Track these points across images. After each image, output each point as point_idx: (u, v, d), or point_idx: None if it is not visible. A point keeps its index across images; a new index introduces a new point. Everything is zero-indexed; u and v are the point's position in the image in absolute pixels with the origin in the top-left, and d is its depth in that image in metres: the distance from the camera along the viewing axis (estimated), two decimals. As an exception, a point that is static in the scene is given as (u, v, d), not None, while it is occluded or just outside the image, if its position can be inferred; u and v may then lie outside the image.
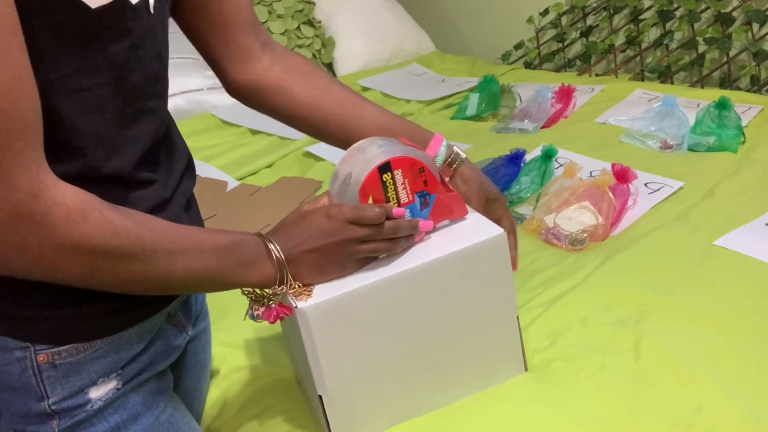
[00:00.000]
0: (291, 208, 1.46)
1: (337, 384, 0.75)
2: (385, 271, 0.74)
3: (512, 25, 2.68)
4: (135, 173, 0.64)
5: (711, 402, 0.82)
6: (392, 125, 0.85)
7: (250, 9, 0.82)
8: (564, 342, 0.95)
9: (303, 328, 0.71)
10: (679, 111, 1.66)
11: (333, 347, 0.73)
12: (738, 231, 1.20)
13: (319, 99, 0.85)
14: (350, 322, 0.73)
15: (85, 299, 0.62)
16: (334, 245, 0.71)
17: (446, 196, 0.78)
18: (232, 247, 0.66)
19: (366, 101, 0.87)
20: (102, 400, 0.68)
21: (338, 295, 0.72)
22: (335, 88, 0.86)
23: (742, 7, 2.10)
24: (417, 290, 0.75)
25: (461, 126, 1.96)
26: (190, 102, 2.06)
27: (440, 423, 0.81)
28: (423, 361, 0.79)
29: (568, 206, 1.28)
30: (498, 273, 0.79)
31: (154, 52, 0.64)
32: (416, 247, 0.78)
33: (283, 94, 0.85)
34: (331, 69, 2.51)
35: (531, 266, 1.16)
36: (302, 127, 0.87)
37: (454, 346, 0.80)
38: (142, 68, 0.63)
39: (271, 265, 0.69)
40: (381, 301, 0.74)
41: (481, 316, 0.80)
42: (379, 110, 0.87)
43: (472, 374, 0.83)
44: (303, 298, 0.70)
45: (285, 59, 0.85)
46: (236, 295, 0.78)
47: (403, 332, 0.76)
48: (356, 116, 0.85)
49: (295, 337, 0.77)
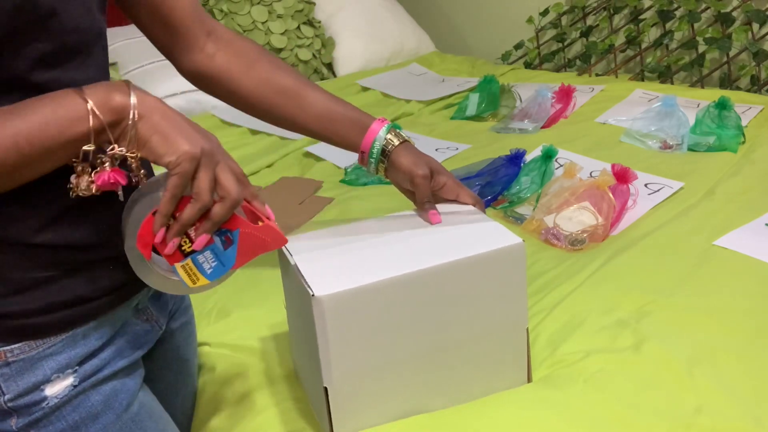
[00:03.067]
0: (291, 208, 1.46)
1: (343, 377, 0.75)
2: (402, 268, 0.74)
3: (512, 25, 2.68)
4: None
5: (711, 402, 0.82)
6: (332, 112, 0.86)
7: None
8: (564, 342, 0.95)
9: (317, 316, 0.71)
10: (679, 111, 1.66)
11: (344, 339, 0.73)
12: (738, 231, 1.20)
13: (261, 87, 0.86)
14: (364, 315, 0.73)
15: (35, 292, 0.62)
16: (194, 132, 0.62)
17: (254, 229, 0.66)
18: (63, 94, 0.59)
19: (310, 87, 0.87)
20: (58, 398, 0.67)
21: (356, 287, 0.72)
22: (278, 75, 0.86)
23: (742, 7, 2.10)
24: (431, 290, 0.76)
25: (461, 126, 1.96)
26: (190, 102, 2.06)
27: (442, 424, 0.81)
28: (429, 361, 0.79)
29: (568, 206, 1.28)
30: (513, 282, 0.79)
31: (70, 26, 0.63)
32: (435, 248, 0.78)
33: (225, 83, 0.86)
34: (331, 69, 2.51)
35: (531, 267, 1.16)
36: (251, 113, 0.89)
37: (462, 350, 0.80)
38: (55, 41, 0.61)
39: (118, 99, 0.58)
40: (396, 297, 0.74)
41: (492, 322, 0.80)
42: (322, 96, 0.87)
43: (476, 380, 0.83)
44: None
45: (229, 46, 0.86)
46: (236, 295, 0.79)
47: (414, 331, 0.77)
48: (298, 103, 0.86)
49: (304, 326, 0.77)
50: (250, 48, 0.87)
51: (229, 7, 2.29)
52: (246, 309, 1.09)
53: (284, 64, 0.89)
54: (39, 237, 0.64)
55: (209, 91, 0.88)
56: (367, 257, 0.78)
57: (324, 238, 0.83)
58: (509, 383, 0.85)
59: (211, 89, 0.88)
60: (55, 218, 0.64)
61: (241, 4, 2.31)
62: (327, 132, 0.87)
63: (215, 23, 0.86)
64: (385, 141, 0.85)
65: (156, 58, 2.11)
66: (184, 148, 0.59)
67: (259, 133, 1.93)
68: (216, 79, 0.86)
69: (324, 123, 0.87)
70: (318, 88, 0.88)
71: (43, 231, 0.64)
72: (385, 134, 0.85)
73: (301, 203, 1.48)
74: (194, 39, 0.84)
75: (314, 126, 0.87)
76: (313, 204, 1.48)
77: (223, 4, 2.30)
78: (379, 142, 0.85)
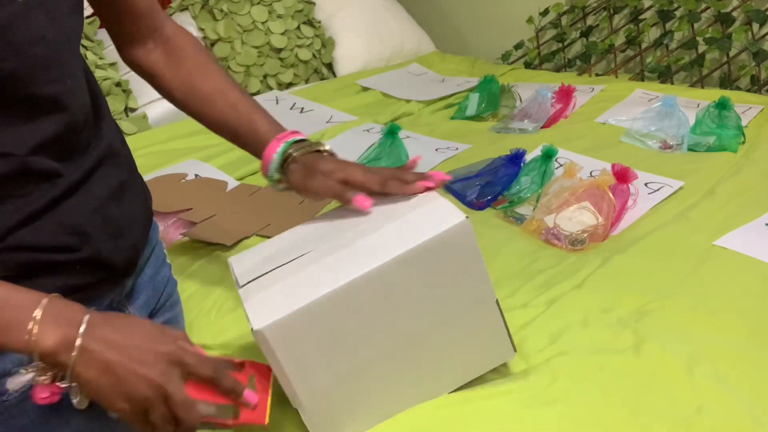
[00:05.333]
0: (291, 208, 1.46)
1: (311, 397, 0.72)
2: (342, 278, 0.70)
3: (512, 25, 2.68)
4: (32, 161, 0.63)
5: (711, 402, 0.82)
6: (244, 117, 0.87)
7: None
8: (564, 342, 0.94)
9: (264, 348, 0.68)
10: (679, 111, 1.66)
11: (299, 362, 0.70)
12: (738, 231, 1.20)
13: (181, 88, 0.88)
14: (313, 334, 0.70)
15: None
16: (150, 353, 0.62)
17: (261, 398, 0.70)
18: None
19: (234, 90, 0.88)
20: (18, 392, 0.65)
21: (295, 310, 0.68)
22: (201, 78, 0.88)
23: (742, 7, 2.10)
24: (381, 291, 0.71)
25: (461, 126, 1.96)
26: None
27: (441, 424, 0.81)
28: (400, 358, 0.76)
29: (568, 206, 1.28)
30: (466, 260, 0.74)
31: (34, 38, 0.62)
32: (372, 246, 0.73)
33: (155, 80, 0.89)
34: (331, 69, 2.51)
35: (531, 267, 1.16)
36: (186, 112, 0.90)
37: (434, 339, 0.77)
38: (18, 54, 0.61)
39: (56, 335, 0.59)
40: (343, 308, 0.70)
41: (456, 305, 0.76)
42: (245, 103, 0.88)
43: (459, 363, 0.81)
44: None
45: (167, 44, 0.89)
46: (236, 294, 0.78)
47: (373, 335, 0.73)
48: (224, 105, 0.87)
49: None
50: (186, 47, 0.89)
51: (229, 7, 2.29)
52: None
53: (213, 67, 0.90)
54: (4, 241, 0.64)
55: (150, 85, 0.91)
56: (303, 271, 0.73)
57: (266, 253, 0.80)
58: (495, 358, 0.83)
59: (150, 83, 0.91)
60: (22, 222, 0.64)
61: (241, 4, 2.31)
62: (241, 139, 0.89)
63: (167, 21, 0.89)
64: (281, 158, 0.83)
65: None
66: (120, 407, 0.61)
67: (259, 133, 1.93)
68: (148, 75, 0.89)
69: (239, 122, 0.87)
70: (240, 91, 0.89)
71: (8, 235, 0.64)
72: (279, 156, 0.83)
73: (301, 203, 1.48)
74: (139, 33, 0.87)
75: (224, 131, 0.89)
76: (312, 204, 1.48)
77: (223, 4, 2.30)
78: (274, 164, 0.83)
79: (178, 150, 1.79)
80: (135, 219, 0.78)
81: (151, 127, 1.97)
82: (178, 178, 1.61)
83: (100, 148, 0.73)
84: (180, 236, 1.34)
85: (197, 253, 1.29)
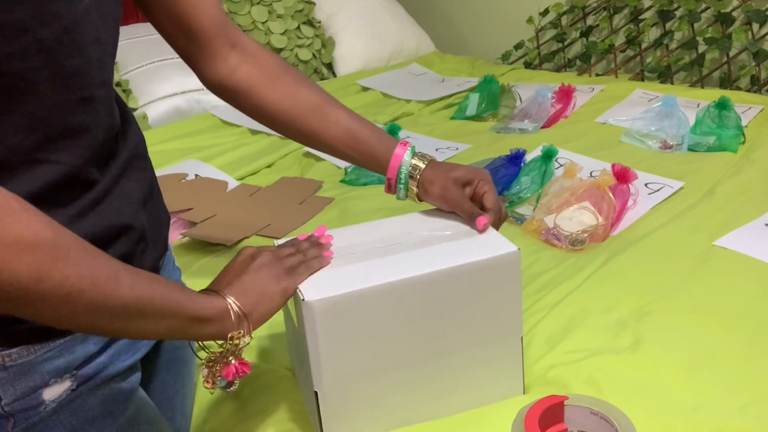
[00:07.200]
0: (291, 208, 1.46)
1: (334, 382, 0.75)
2: (394, 275, 0.74)
3: (512, 25, 2.68)
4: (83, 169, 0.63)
5: (710, 401, 0.82)
6: (357, 132, 0.86)
7: (217, 9, 0.82)
8: (564, 342, 0.95)
9: (307, 320, 0.72)
10: (679, 111, 1.67)
11: (335, 344, 0.74)
12: (738, 231, 1.20)
13: (285, 102, 0.85)
14: (355, 320, 0.74)
15: None
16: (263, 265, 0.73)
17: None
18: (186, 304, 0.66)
19: (334, 105, 0.87)
20: (55, 402, 0.66)
21: (347, 292, 0.72)
22: (303, 91, 0.86)
23: (742, 7, 2.10)
24: (425, 297, 0.75)
25: (461, 126, 1.96)
26: (190, 102, 2.06)
27: (441, 426, 0.81)
28: (422, 369, 0.79)
29: (568, 206, 1.28)
30: (507, 290, 0.79)
31: (93, 38, 0.62)
32: (429, 255, 0.78)
33: (248, 96, 0.85)
34: (331, 69, 2.51)
35: (531, 267, 1.16)
36: (272, 127, 0.88)
37: (455, 358, 0.80)
38: (83, 54, 0.61)
39: (230, 322, 0.69)
40: (387, 303, 0.74)
41: (485, 331, 0.80)
42: (346, 115, 0.87)
43: (470, 389, 0.82)
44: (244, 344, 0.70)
45: (253, 59, 0.85)
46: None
47: (406, 338, 0.76)
48: (321, 121, 0.86)
49: (297, 330, 0.77)
50: (274, 62, 0.86)
51: (229, 7, 2.29)
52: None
53: (309, 81, 0.88)
54: None
55: (233, 104, 0.87)
56: (360, 263, 0.78)
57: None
58: (504, 393, 0.84)
59: (234, 102, 0.87)
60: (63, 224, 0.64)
61: (241, 4, 2.31)
62: (350, 151, 0.87)
63: (241, 35, 0.85)
64: (411, 166, 0.85)
65: (156, 58, 2.11)
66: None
67: (258, 133, 1.93)
68: (238, 92, 0.85)
69: (347, 142, 0.86)
70: (341, 106, 0.88)
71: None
72: (410, 159, 0.85)
73: (301, 203, 1.48)
74: (217, 50, 0.83)
75: (337, 145, 0.87)
76: (313, 204, 1.48)
77: (223, 4, 2.30)
78: (405, 167, 0.85)
79: (178, 150, 1.79)
80: (163, 217, 0.80)
81: (151, 127, 1.97)
82: (178, 178, 1.61)
83: (127, 150, 0.73)
84: (180, 236, 1.34)
85: (197, 253, 1.29)
